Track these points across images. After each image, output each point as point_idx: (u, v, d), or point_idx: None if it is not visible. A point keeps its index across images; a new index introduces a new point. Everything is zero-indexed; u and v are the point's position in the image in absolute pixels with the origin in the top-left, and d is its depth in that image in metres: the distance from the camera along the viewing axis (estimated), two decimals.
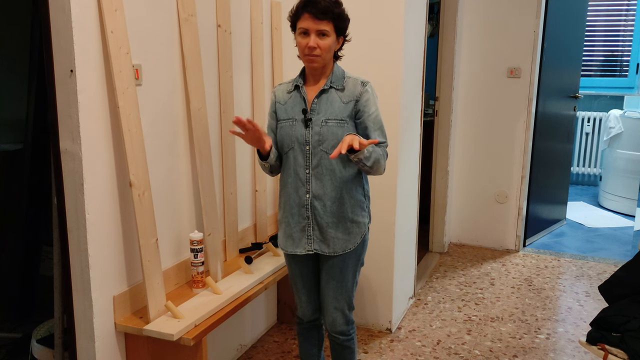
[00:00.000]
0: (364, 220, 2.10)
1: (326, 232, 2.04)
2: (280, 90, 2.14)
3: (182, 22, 2.16)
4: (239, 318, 2.78)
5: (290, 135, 2.04)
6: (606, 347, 2.07)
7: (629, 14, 6.06)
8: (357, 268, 2.13)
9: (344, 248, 2.05)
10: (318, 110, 2.01)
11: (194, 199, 2.34)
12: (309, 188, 2.03)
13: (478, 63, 4.21)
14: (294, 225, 2.08)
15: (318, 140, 1.99)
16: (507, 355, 2.85)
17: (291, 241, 2.10)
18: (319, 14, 1.92)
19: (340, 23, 1.98)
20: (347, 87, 2.03)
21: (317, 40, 1.94)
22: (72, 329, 1.94)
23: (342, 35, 2.03)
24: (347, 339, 2.17)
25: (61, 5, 1.70)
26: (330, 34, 1.95)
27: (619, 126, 5.41)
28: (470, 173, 4.38)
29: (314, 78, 2.06)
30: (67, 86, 1.75)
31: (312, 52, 1.95)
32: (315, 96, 2.03)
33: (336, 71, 2.05)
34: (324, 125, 1.99)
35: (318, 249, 2.07)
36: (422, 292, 3.60)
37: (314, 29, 1.94)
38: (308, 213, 2.05)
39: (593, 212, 5.45)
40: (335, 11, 1.94)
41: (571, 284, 3.74)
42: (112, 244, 1.94)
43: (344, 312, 2.12)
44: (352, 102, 2.00)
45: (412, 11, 2.91)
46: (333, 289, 2.10)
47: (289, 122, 2.05)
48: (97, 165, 1.84)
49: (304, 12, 1.94)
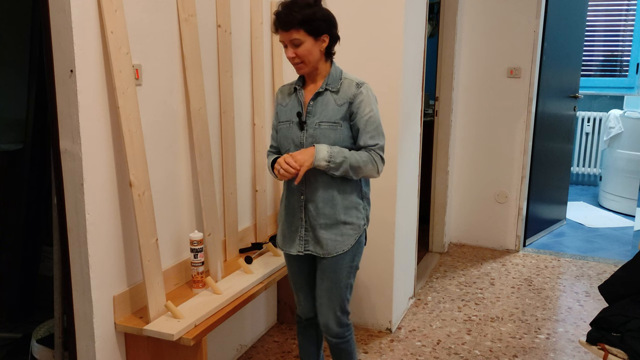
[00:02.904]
0: (359, 222, 2.08)
1: (319, 233, 2.05)
2: (282, 91, 2.15)
3: (182, 22, 2.16)
4: (239, 318, 2.78)
5: (287, 137, 2.06)
6: (606, 347, 2.07)
7: (629, 14, 6.05)
8: (351, 270, 2.11)
9: (337, 250, 2.05)
10: (313, 113, 2.02)
11: (194, 199, 2.34)
12: (303, 190, 2.05)
13: (478, 63, 4.20)
14: (289, 226, 2.12)
15: (312, 143, 2.00)
16: (507, 355, 2.85)
17: (286, 241, 2.14)
18: (283, 25, 1.92)
19: (311, 25, 1.92)
20: (342, 89, 2.02)
21: (293, 50, 1.95)
22: (72, 329, 1.94)
23: (323, 34, 1.96)
24: (342, 342, 2.16)
25: (61, 6, 1.70)
26: (304, 39, 1.92)
27: (619, 126, 5.41)
28: (470, 173, 4.37)
29: (311, 80, 2.06)
30: (67, 86, 1.75)
31: (294, 61, 1.98)
32: (311, 98, 2.03)
33: (333, 72, 2.04)
34: (317, 128, 2.00)
35: (312, 250, 2.08)
36: (422, 292, 3.60)
37: (286, 40, 1.95)
38: (302, 214, 2.07)
39: (593, 212, 5.45)
40: (298, 17, 1.89)
41: (571, 284, 3.74)
42: (112, 244, 1.94)
43: (336, 314, 2.12)
44: (345, 104, 1.99)
45: (412, 11, 2.91)
46: (326, 290, 2.10)
47: (287, 124, 2.07)
48: (97, 165, 1.84)
49: (274, 26, 1.96)
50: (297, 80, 2.10)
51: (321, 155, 1.93)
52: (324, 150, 1.94)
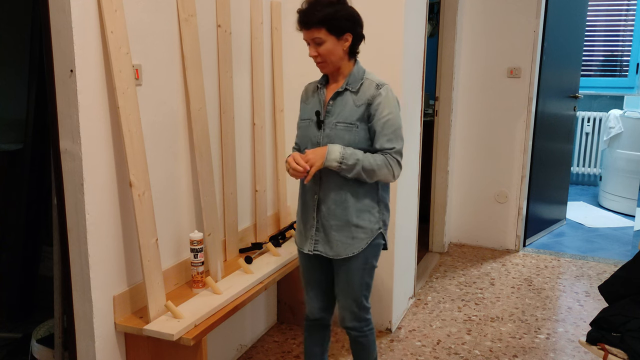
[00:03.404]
0: (372, 226, 2.05)
1: (330, 234, 2.05)
2: (307, 89, 2.15)
3: (182, 22, 2.16)
4: (239, 318, 2.78)
5: (305, 135, 2.07)
6: (606, 347, 2.07)
7: (629, 14, 6.05)
8: (366, 271, 2.09)
9: (347, 252, 2.05)
10: (332, 113, 2.01)
11: (194, 199, 2.34)
12: (317, 190, 2.05)
13: (478, 63, 4.20)
14: (304, 224, 2.13)
15: (327, 143, 1.98)
16: (507, 355, 2.85)
17: (301, 238, 2.16)
18: (304, 23, 1.92)
19: (332, 24, 1.90)
20: (361, 89, 1.99)
21: (315, 49, 1.94)
22: (72, 329, 1.94)
23: (345, 33, 1.94)
24: (359, 335, 2.17)
25: (61, 6, 1.70)
26: (326, 38, 1.91)
27: (619, 126, 5.41)
28: (470, 173, 4.37)
29: (334, 79, 2.05)
30: (67, 86, 1.75)
31: (316, 60, 1.97)
32: (331, 98, 2.02)
33: (355, 72, 2.01)
34: (334, 128, 1.99)
35: (322, 251, 2.08)
36: (422, 292, 3.60)
37: (308, 38, 1.94)
38: (314, 214, 2.07)
39: (593, 212, 5.45)
40: (319, 16, 1.88)
41: (571, 284, 3.74)
42: (112, 244, 1.94)
43: (352, 311, 2.12)
44: (364, 106, 1.97)
45: (412, 11, 2.91)
46: (341, 290, 2.12)
47: (307, 123, 2.07)
48: (97, 165, 1.84)
49: (297, 24, 1.95)
50: (320, 79, 2.09)
51: (333, 156, 1.91)
52: (336, 151, 1.92)
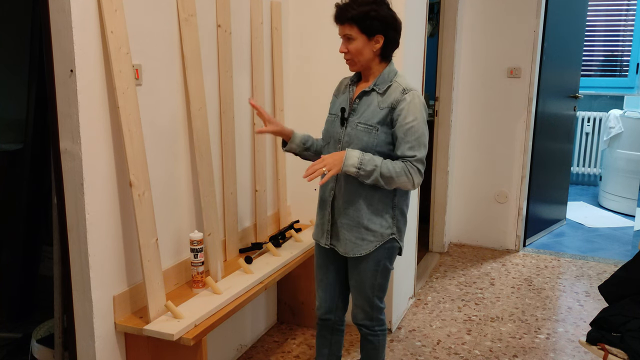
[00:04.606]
0: (383, 231, 2.03)
1: (340, 232, 2.07)
2: (341, 83, 2.15)
3: (182, 22, 2.16)
4: (239, 318, 2.78)
5: (329, 130, 2.08)
6: (606, 347, 2.07)
7: (629, 14, 6.05)
8: (377, 272, 2.07)
9: (354, 252, 2.05)
10: (357, 111, 2.00)
11: (194, 199, 2.34)
12: (333, 186, 2.06)
13: (478, 63, 4.20)
14: (321, 217, 2.15)
15: (347, 142, 1.99)
16: (507, 355, 2.85)
17: (318, 231, 2.18)
18: (338, 18, 1.93)
19: (364, 23, 1.88)
20: (388, 92, 1.96)
21: (346, 45, 1.94)
22: (72, 329, 1.94)
23: (377, 35, 1.91)
24: (369, 333, 2.17)
25: (61, 6, 1.70)
26: (357, 36, 1.90)
27: (619, 126, 5.41)
28: (470, 173, 4.37)
29: (365, 77, 2.05)
30: (67, 86, 1.75)
31: (345, 57, 1.97)
32: (357, 96, 2.01)
33: (385, 73, 1.98)
34: (355, 128, 1.98)
35: (335, 246, 2.11)
36: (422, 292, 3.60)
37: (341, 33, 1.95)
38: (329, 209, 2.09)
39: (593, 212, 5.45)
40: (352, 13, 1.87)
41: (571, 284, 3.74)
42: (112, 243, 1.94)
43: (364, 309, 2.14)
44: (387, 109, 1.94)
45: (412, 11, 2.91)
46: (354, 287, 2.14)
47: (333, 118, 2.08)
48: (97, 165, 1.84)
49: (334, 18, 1.95)
50: (353, 75, 2.09)
51: (351, 161, 1.89)
52: (355, 156, 1.90)
